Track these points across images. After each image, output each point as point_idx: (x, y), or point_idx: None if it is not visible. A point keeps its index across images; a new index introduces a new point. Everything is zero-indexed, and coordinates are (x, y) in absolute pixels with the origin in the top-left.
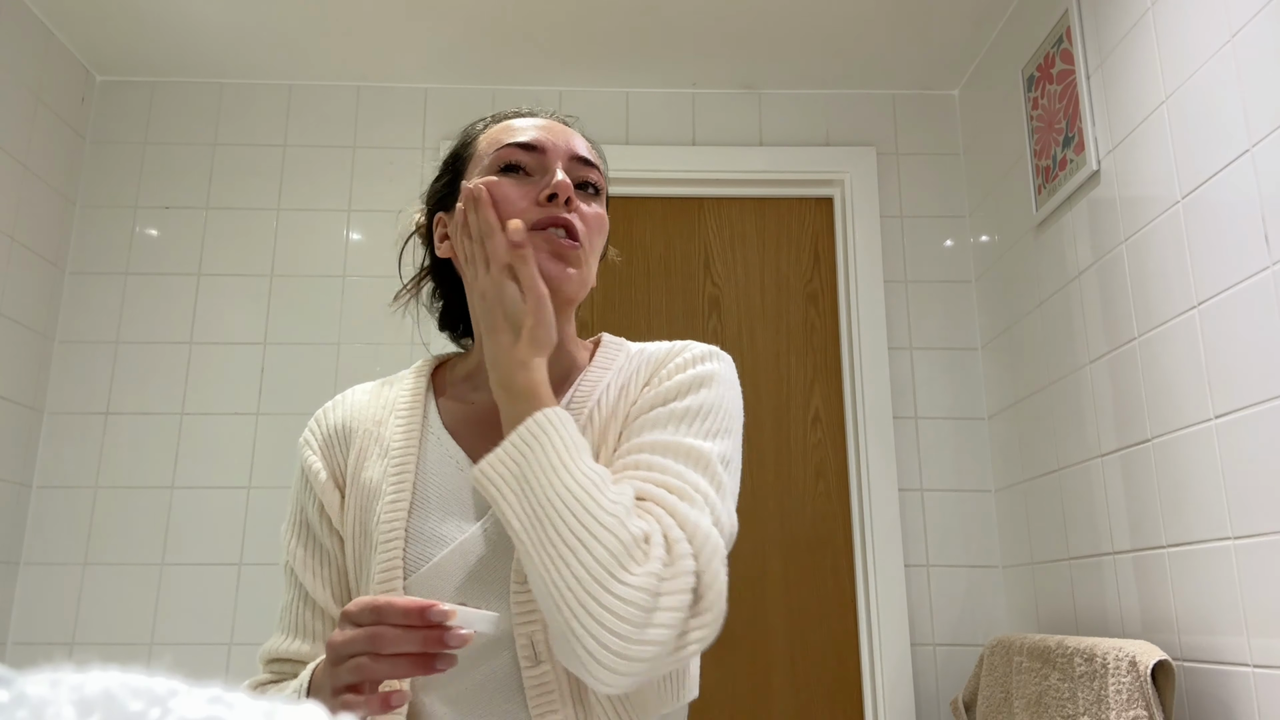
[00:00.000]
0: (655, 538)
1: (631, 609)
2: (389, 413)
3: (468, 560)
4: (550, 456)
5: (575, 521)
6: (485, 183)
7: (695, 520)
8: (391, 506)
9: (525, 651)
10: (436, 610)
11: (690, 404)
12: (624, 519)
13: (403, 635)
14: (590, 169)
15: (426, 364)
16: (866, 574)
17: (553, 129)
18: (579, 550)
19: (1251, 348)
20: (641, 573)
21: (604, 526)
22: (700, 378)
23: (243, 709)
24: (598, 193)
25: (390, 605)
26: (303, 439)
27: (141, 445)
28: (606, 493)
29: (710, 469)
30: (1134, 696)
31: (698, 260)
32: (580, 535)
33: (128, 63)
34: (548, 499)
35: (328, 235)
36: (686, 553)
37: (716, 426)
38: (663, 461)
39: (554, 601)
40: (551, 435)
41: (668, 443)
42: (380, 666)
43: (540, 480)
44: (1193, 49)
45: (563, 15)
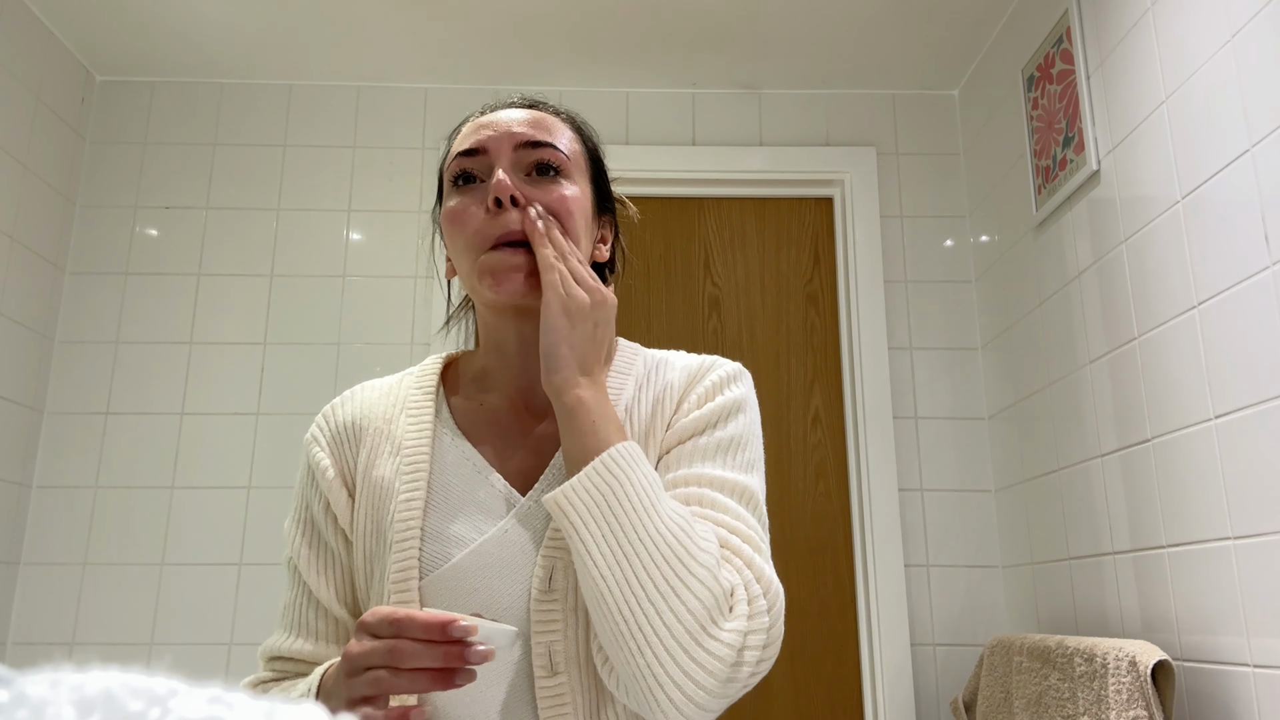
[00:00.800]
0: (740, 592)
1: (719, 664)
2: (400, 411)
3: (487, 563)
4: (640, 494)
5: (669, 569)
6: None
7: (769, 574)
8: (406, 505)
9: (541, 661)
10: (458, 626)
11: (730, 434)
12: (716, 570)
13: (423, 650)
14: (541, 149)
15: (436, 361)
16: (866, 574)
17: (498, 123)
18: (672, 599)
19: (1251, 348)
20: (731, 629)
21: (698, 578)
22: (735, 403)
23: (243, 709)
24: (558, 172)
25: (410, 619)
26: (309, 435)
27: (141, 445)
28: (697, 539)
29: (759, 508)
30: (1134, 696)
31: (698, 260)
32: (674, 584)
33: (128, 63)
34: (639, 539)
35: (328, 235)
36: (764, 609)
37: (753, 456)
38: (725, 501)
39: (635, 645)
40: (638, 469)
41: (719, 478)
42: (399, 681)
43: (630, 518)
44: (1193, 49)
45: (563, 15)
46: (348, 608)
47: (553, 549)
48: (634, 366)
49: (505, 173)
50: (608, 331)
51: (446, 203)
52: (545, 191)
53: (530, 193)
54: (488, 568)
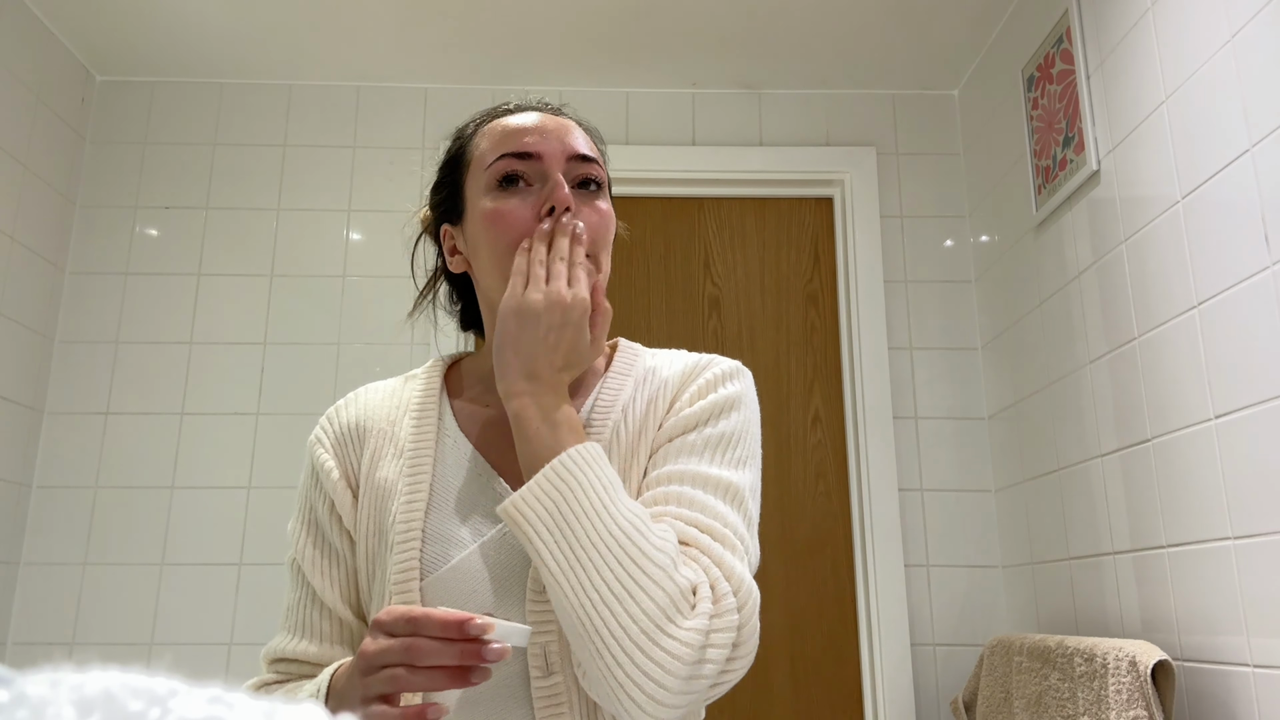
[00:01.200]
0: (703, 589)
1: (678, 663)
2: (403, 413)
3: (487, 564)
4: (590, 496)
5: (621, 570)
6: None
7: (740, 572)
8: (408, 506)
9: (537, 661)
10: (475, 624)
11: (721, 430)
12: (671, 569)
13: (440, 648)
14: (590, 165)
15: (439, 363)
16: (866, 574)
17: (546, 129)
18: (625, 600)
19: (1251, 348)
20: (690, 626)
21: (650, 578)
22: (728, 400)
23: (243, 709)
24: (599, 188)
25: (428, 617)
26: (314, 437)
27: (141, 445)
28: (651, 538)
29: (741, 503)
30: (1134, 696)
31: (698, 260)
32: (627, 585)
33: (128, 63)
34: (590, 543)
35: (328, 235)
36: (732, 606)
37: (745, 454)
38: (700, 497)
39: (594, 648)
40: (591, 471)
41: (702, 474)
42: (416, 679)
43: (581, 522)
44: (1193, 49)
45: (563, 15)
46: (352, 609)
47: None
48: (634, 367)
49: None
50: (568, 334)
51: (486, 201)
52: (591, 207)
53: (579, 203)
54: (486, 569)
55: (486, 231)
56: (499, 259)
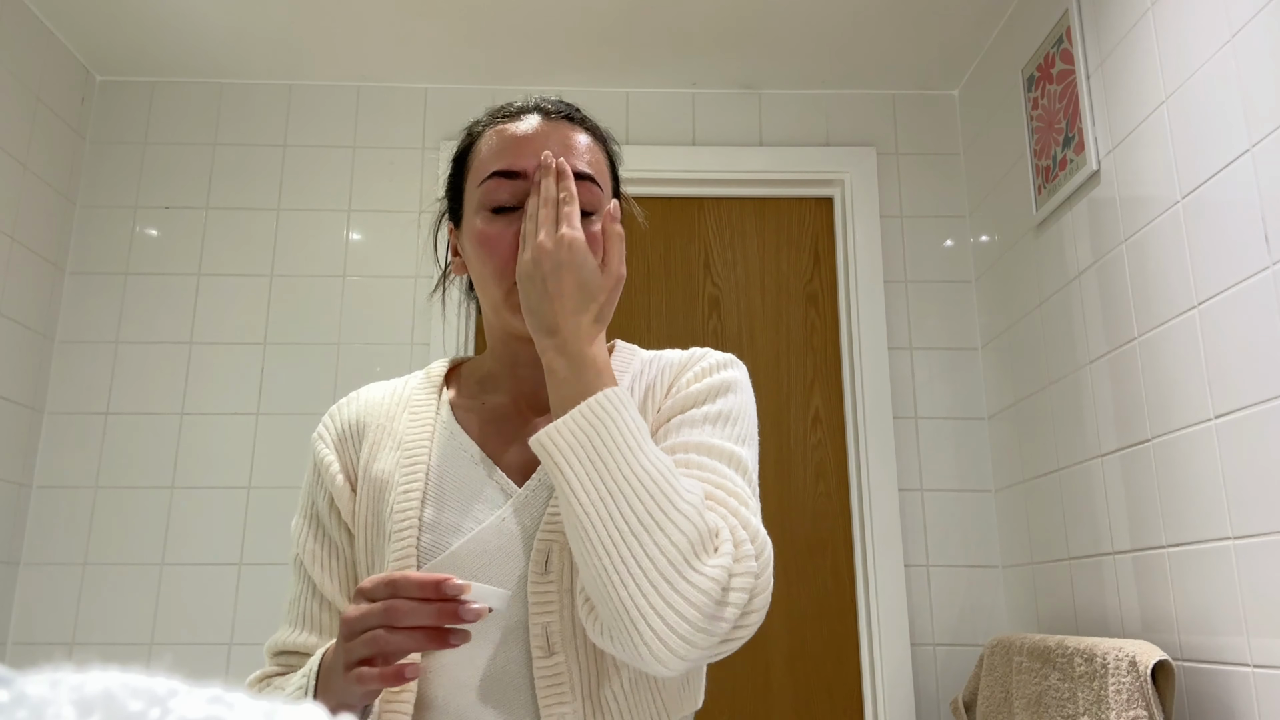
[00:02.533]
0: (724, 534)
1: (704, 598)
2: (402, 409)
3: (484, 549)
4: (625, 435)
5: (653, 504)
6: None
7: (756, 525)
8: (404, 496)
9: (539, 642)
10: (451, 584)
11: (720, 408)
12: (699, 509)
13: (418, 608)
14: (581, 183)
15: (440, 365)
16: (866, 574)
17: (538, 141)
18: (655, 533)
19: (1251, 348)
20: (715, 565)
21: (681, 514)
22: (725, 383)
23: (243, 709)
24: (594, 212)
25: (405, 579)
26: (316, 434)
27: (141, 445)
28: (680, 482)
29: (749, 474)
30: (1134, 696)
31: (698, 260)
32: (658, 518)
33: (128, 63)
34: (623, 476)
35: (328, 235)
36: (750, 554)
37: (744, 432)
38: (711, 463)
39: (619, 577)
40: (624, 413)
41: (710, 445)
42: (395, 639)
43: (615, 457)
44: (1193, 49)
45: (563, 15)
46: (351, 601)
47: (550, 531)
48: (630, 364)
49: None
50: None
51: (477, 220)
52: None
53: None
54: (485, 554)
55: (475, 252)
56: (485, 282)
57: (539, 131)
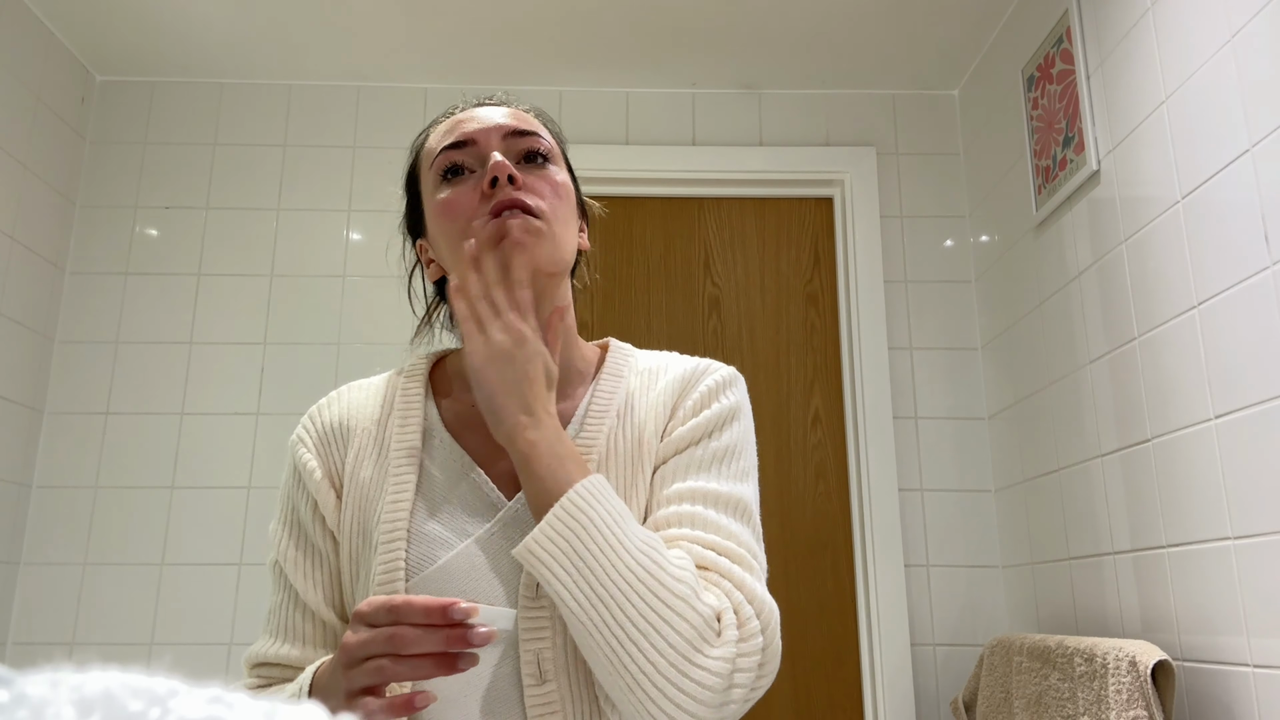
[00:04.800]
0: (727, 615)
1: (709, 692)
2: (389, 412)
3: (474, 564)
4: (606, 531)
5: (643, 604)
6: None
7: (761, 594)
8: (393, 506)
9: (530, 670)
10: (459, 609)
11: (724, 444)
12: (693, 598)
13: (424, 635)
14: (528, 137)
15: (424, 361)
16: (866, 574)
17: (478, 115)
18: (651, 635)
19: (1251, 348)
20: (718, 655)
21: (674, 610)
22: (729, 412)
23: (243, 709)
24: (546, 159)
25: (409, 605)
26: (295, 436)
27: (141, 445)
28: (669, 568)
29: (750, 517)
30: (1134, 696)
31: (698, 260)
32: (651, 619)
33: (128, 63)
34: (609, 579)
35: (328, 235)
36: (756, 629)
37: (747, 464)
38: (712, 516)
39: (625, 684)
40: (598, 507)
41: (711, 492)
42: (401, 668)
43: (598, 558)
44: (1193, 49)
45: (563, 15)
46: (335, 610)
47: None
48: (625, 368)
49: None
50: (539, 363)
51: (435, 196)
52: (538, 177)
53: (525, 174)
54: (474, 569)
55: (440, 224)
56: (454, 248)
57: (475, 110)
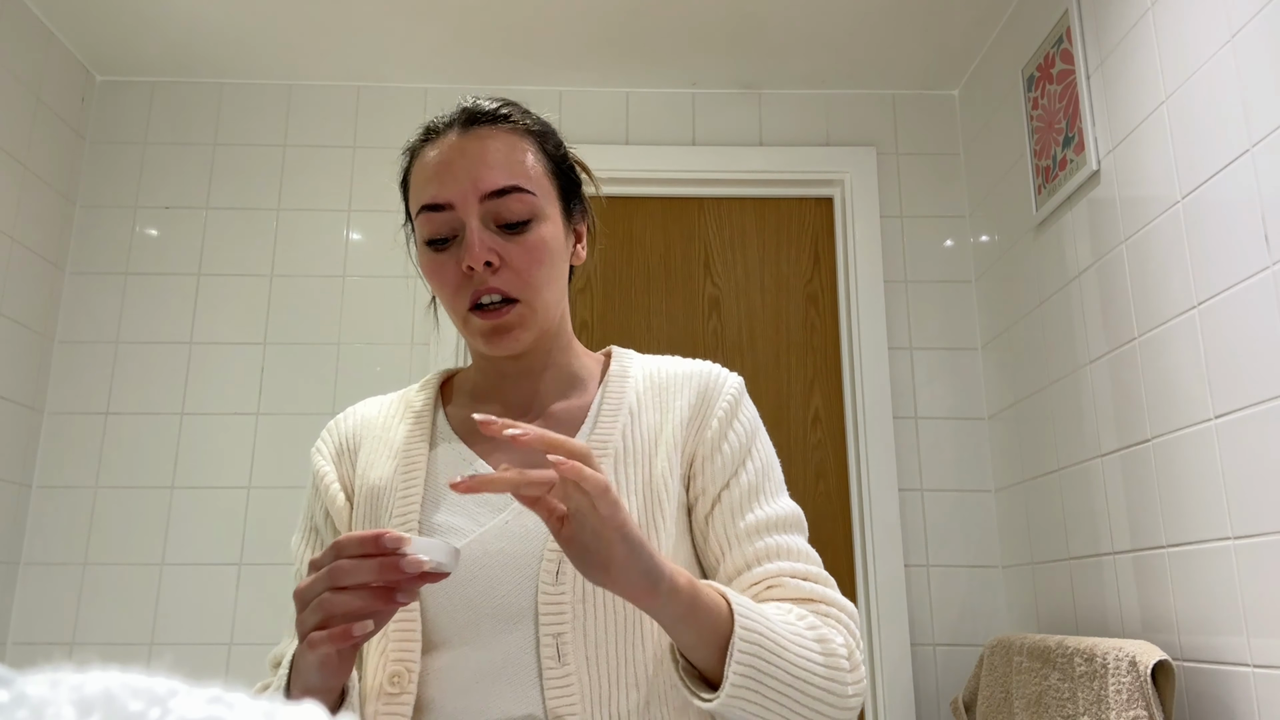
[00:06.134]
0: (852, 646)
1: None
2: (399, 419)
3: (486, 552)
4: (774, 652)
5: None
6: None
7: (847, 604)
8: (403, 502)
9: (549, 652)
10: (389, 537)
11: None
12: (830, 653)
13: (359, 565)
14: (508, 196)
15: (435, 377)
16: (866, 574)
17: (455, 170)
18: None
19: (1251, 348)
20: (856, 685)
21: (831, 681)
22: (754, 424)
23: (243, 709)
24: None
25: (347, 538)
26: (315, 447)
27: (141, 445)
28: (810, 647)
29: (803, 525)
30: (1134, 696)
31: (698, 260)
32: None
33: (128, 63)
34: (782, 692)
35: (328, 235)
36: (858, 637)
37: (779, 472)
38: (791, 543)
39: None
40: (761, 629)
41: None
42: (340, 599)
43: (771, 679)
44: (1193, 49)
45: (563, 15)
46: None
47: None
48: (629, 371)
49: (476, 235)
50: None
51: (422, 252)
52: (519, 242)
53: (504, 247)
54: (487, 557)
55: (428, 280)
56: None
57: (454, 153)
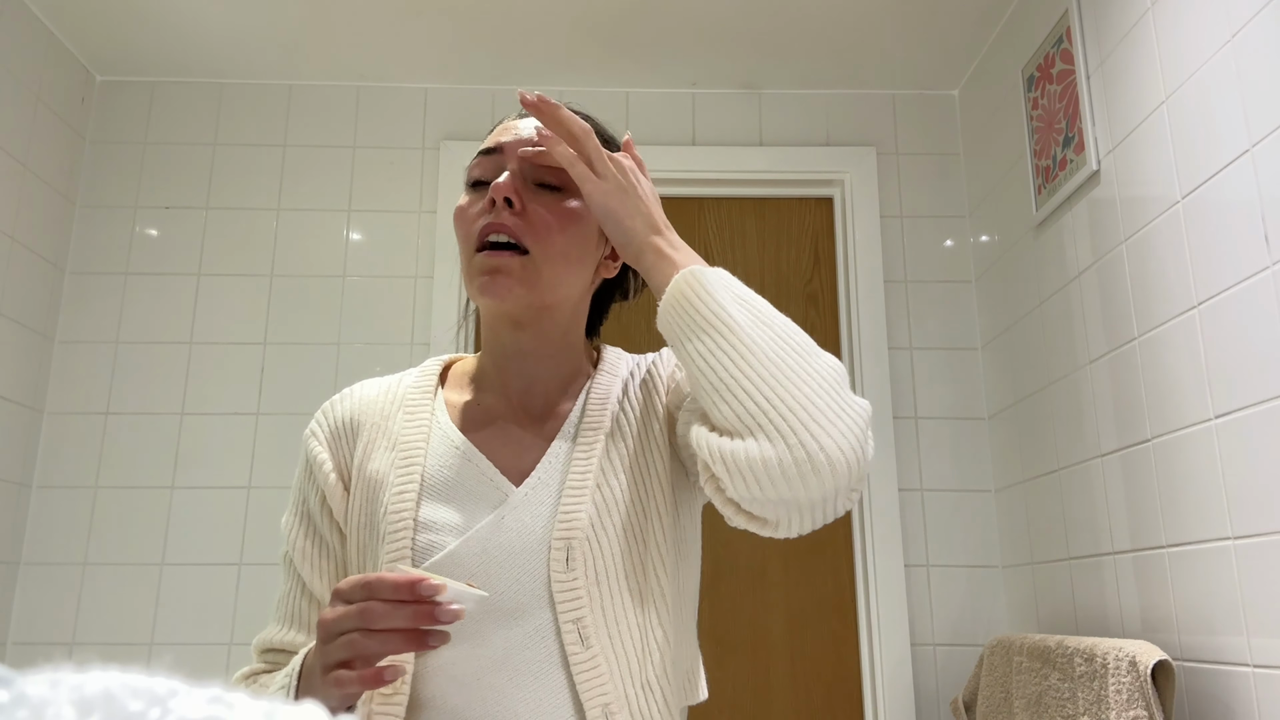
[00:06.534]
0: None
1: (862, 418)
2: (397, 407)
3: (484, 549)
4: (755, 293)
5: (802, 336)
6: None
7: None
8: (399, 496)
9: (572, 637)
10: (427, 585)
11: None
12: (831, 363)
13: (393, 610)
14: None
15: (435, 363)
16: (866, 574)
17: (518, 125)
18: (816, 357)
19: (1251, 348)
20: (860, 398)
21: (824, 355)
22: None
23: (243, 709)
24: (563, 187)
25: (380, 580)
26: (309, 430)
27: (141, 445)
28: (805, 336)
29: None
30: (1134, 696)
31: None
32: (810, 347)
33: (128, 63)
34: (771, 313)
35: (328, 235)
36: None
37: None
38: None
39: (794, 382)
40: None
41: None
42: (372, 642)
43: (756, 299)
44: (1193, 49)
45: (563, 15)
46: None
47: (567, 527)
48: (619, 367)
49: (512, 174)
50: (650, 189)
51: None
52: (548, 203)
53: (533, 200)
54: (485, 554)
55: (456, 227)
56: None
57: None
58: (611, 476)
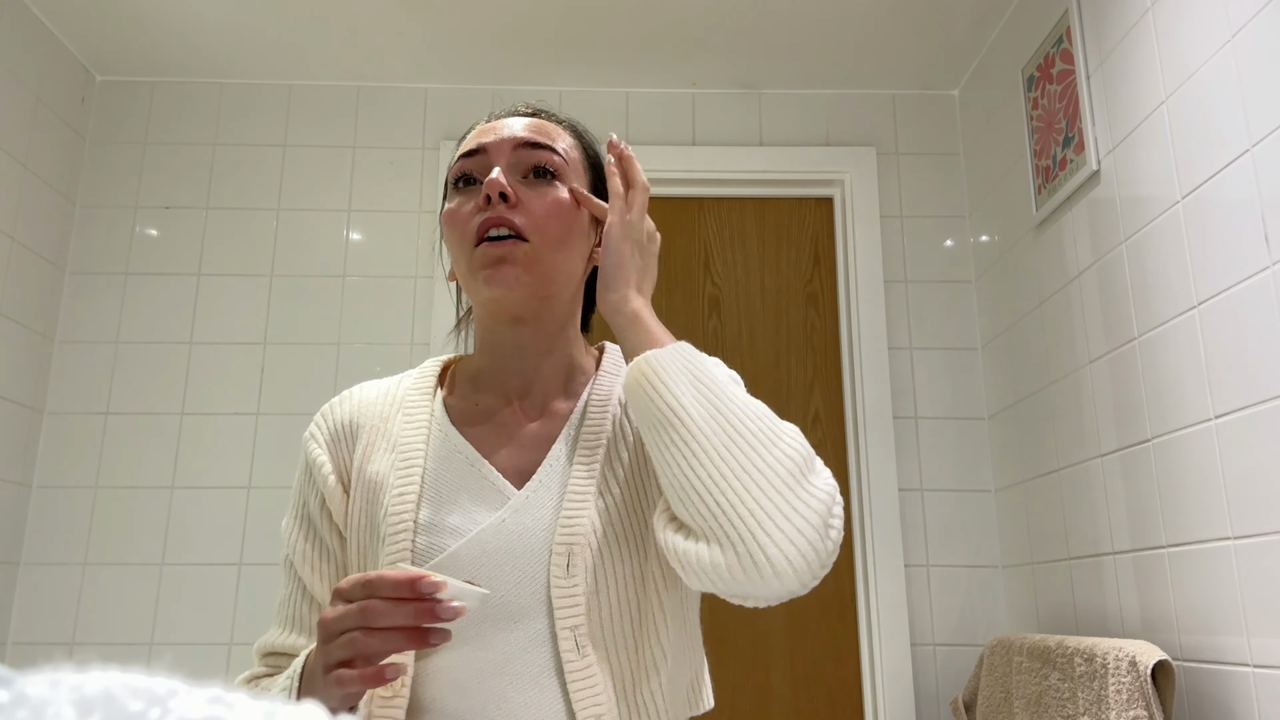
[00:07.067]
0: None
1: (817, 512)
2: (396, 409)
3: (485, 551)
4: (719, 373)
5: (760, 425)
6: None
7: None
8: (399, 498)
9: (568, 645)
10: (427, 582)
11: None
12: (798, 434)
13: (393, 608)
14: (539, 151)
15: (434, 363)
16: (866, 574)
17: (499, 126)
18: (771, 448)
19: (1251, 348)
20: (825, 482)
21: (787, 434)
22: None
23: (243, 709)
24: (554, 175)
25: (381, 578)
26: (308, 433)
27: (141, 445)
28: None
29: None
30: (1134, 696)
31: (698, 260)
32: (767, 437)
33: (128, 63)
34: (727, 400)
35: (328, 235)
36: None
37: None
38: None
39: (740, 486)
40: (713, 363)
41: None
42: (372, 641)
43: (716, 385)
44: (1193, 49)
45: (563, 15)
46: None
47: (568, 532)
48: (620, 367)
49: (501, 171)
50: (655, 265)
51: (447, 204)
52: (540, 193)
53: (525, 193)
54: (485, 556)
55: (446, 234)
56: (456, 256)
57: (502, 121)
58: (613, 484)
